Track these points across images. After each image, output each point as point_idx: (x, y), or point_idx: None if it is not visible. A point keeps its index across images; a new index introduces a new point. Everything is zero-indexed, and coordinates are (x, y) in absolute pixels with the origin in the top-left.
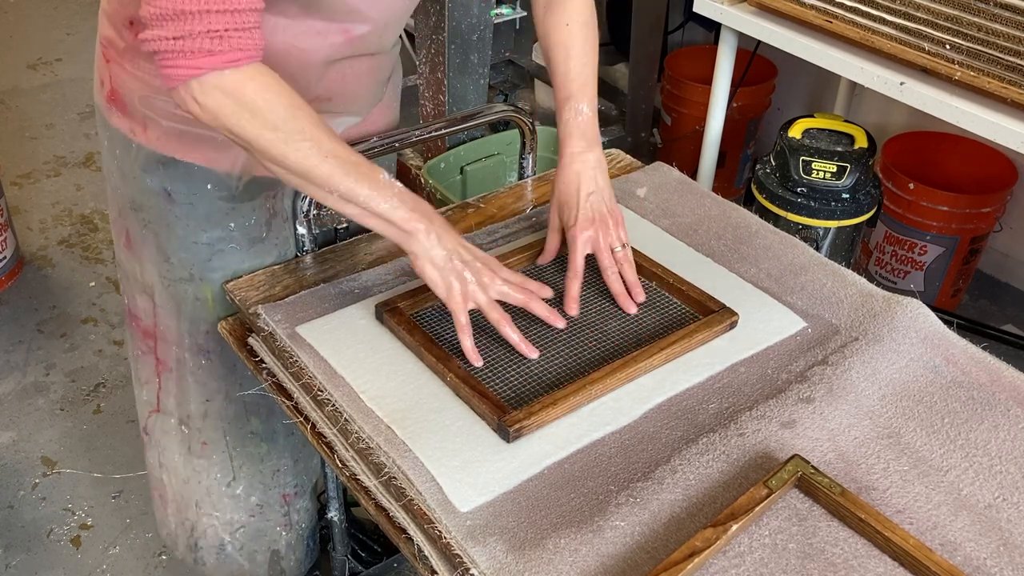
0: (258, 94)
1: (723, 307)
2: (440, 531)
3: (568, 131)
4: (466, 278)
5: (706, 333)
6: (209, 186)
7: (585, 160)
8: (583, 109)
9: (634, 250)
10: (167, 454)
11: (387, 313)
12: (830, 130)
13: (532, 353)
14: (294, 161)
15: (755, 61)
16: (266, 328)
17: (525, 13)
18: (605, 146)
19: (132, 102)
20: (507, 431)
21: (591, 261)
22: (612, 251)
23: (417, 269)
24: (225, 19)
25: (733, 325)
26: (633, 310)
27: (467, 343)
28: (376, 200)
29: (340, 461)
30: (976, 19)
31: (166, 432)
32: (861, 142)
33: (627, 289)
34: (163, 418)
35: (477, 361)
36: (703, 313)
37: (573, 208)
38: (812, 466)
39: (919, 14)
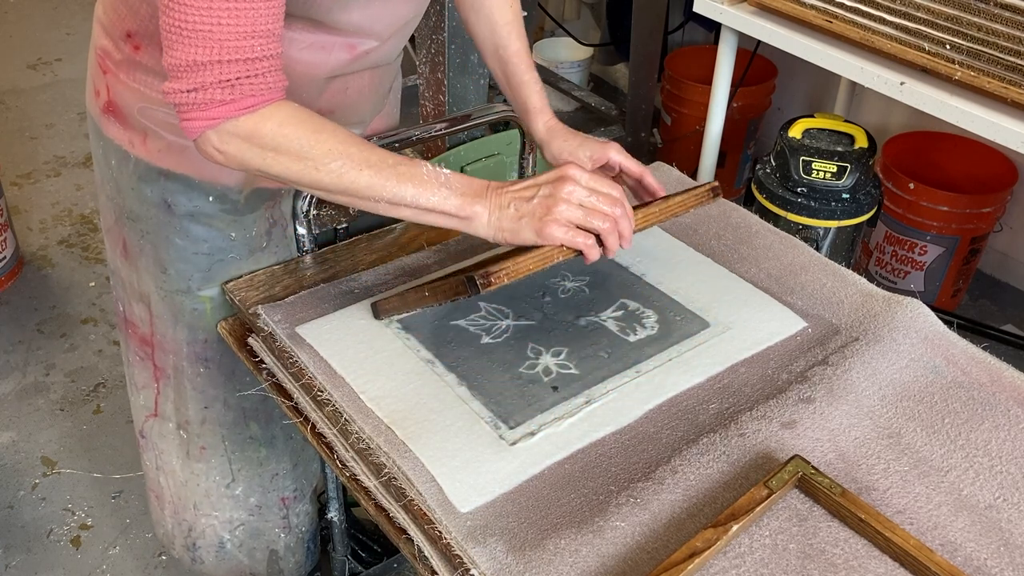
0: (277, 132)
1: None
2: (440, 532)
3: (544, 102)
4: (545, 214)
5: (685, 196)
6: (211, 198)
7: (564, 125)
8: (543, 86)
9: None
10: (164, 457)
11: (380, 305)
12: (830, 130)
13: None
14: (330, 183)
15: (755, 61)
16: (266, 328)
17: (525, 13)
18: None
19: (131, 114)
20: (475, 282)
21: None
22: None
23: (502, 244)
24: (238, 68)
25: (716, 192)
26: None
27: (594, 254)
28: (425, 196)
29: (340, 461)
30: (976, 19)
31: (163, 436)
32: (861, 142)
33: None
34: (161, 423)
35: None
36: None
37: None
38: (812, 466)
39: (919, 14)
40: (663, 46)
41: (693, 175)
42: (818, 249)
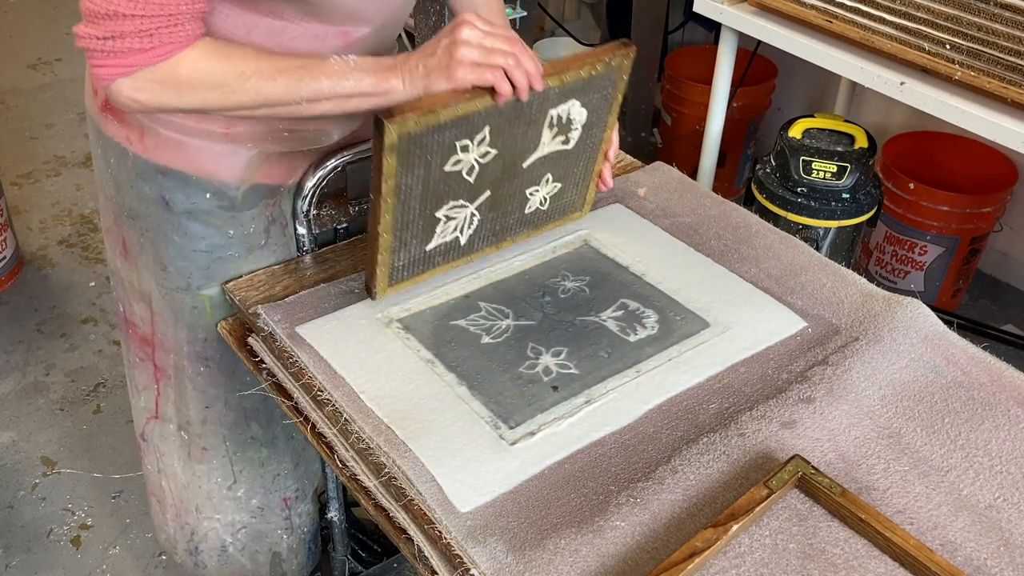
0: (192, 69)
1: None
2: (440, 531)
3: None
4: (449, 61)
5: (597, 49)
6: (208, 195)
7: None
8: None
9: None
10: (166, 459)
11: (368, 282)
12: (830, 130)
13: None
14: (250, 100)
15: (755, 61)
16: (266, 328)
17: (525, 13)
18: None
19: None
20: (380, 120)
21: None
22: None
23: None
24: (159, 21)
25: (625, 44)
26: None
27: (505, 87)
28: (340, 84)
29: (340, 461)
30: (976, 19)
31: (165, 438)
32: (861, 142)
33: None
34: (162, 424)
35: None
36: None
37: None
38: (812, 466)
39: (919, 14)
40: (663, 46)
41: (693, 175)
42: (818, 249)
